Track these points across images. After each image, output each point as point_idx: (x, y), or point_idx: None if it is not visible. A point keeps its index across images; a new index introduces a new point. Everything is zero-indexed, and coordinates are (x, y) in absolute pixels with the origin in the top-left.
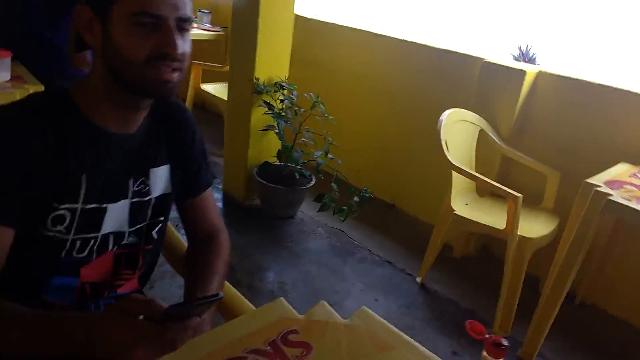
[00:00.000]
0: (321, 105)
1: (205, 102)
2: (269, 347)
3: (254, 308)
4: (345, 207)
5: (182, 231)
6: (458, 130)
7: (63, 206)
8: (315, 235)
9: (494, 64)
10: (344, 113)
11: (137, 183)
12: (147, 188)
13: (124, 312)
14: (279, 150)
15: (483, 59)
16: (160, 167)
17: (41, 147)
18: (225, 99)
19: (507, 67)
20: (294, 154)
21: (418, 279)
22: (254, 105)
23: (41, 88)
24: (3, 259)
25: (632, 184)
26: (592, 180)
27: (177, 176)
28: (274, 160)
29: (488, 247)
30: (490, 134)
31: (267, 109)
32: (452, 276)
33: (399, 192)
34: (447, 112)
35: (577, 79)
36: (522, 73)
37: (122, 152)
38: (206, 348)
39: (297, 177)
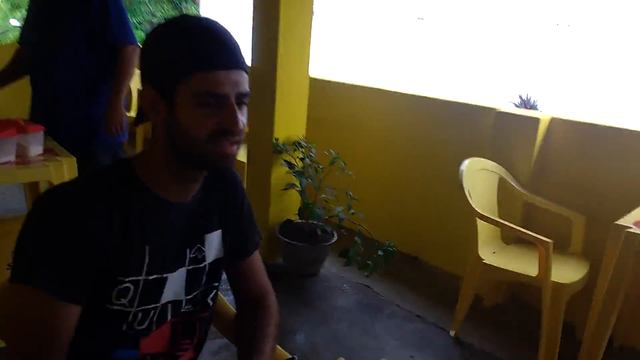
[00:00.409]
0: (341, 161)
1: None
2: None
3: None
4: (370, 262)
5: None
6: (478, 179)
7: (128, 279)
8: (342, 292)
9: (508, 113)
10: (361, 169)
11: (193, 250)
12: (202, 254)
13: None
14: (300, 207)
15: (496, 108)
16: (214, 233)
17: (107, 224)
18: (243, 160)
19: (521, 116)
20: (315, 211)
21: (451, 332)
22: (273, 165)
23: (73, 160)
24: (71, 335)
25: None
26: (621, 222)
27: (228, 240)
28: (295, 218)
29: (518, 294)
30: (510, 181)
31: (288, 168)
32: (486, 327)
33: (421, 244)
34: (467, 161)
35: (589, 123)
36: (536, 121)
37: (180, 221)
38: None
39: (320, 233)
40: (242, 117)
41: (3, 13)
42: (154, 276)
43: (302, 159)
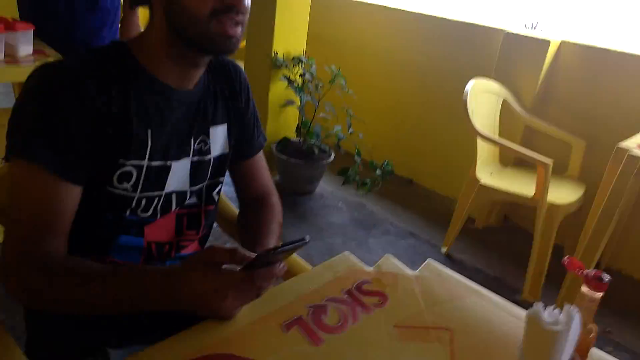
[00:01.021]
0: (342, 78)
1: None
2: (346, 296)
3: (311, 267)
4: (368, 180)
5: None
6: (481, 101)
7: (130, 162)
8: (337, 210)
9: (517, 34)
10: (361, 88)
11: (198, 141)
12: (207, 147)
13: (207, 263)
14: (298, 125)
15: (504, 30)
16: (219, 126)
17: (106, 100)
18: None
19: (531, 38)
20: (314, 129)
21: (443, 249)
22: (272, 81)
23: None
24: (71, 217)
25: None
26: (624, 144)
27: (234, 136)
28: (292, 136)
29: (509, 217)
30: (513, 104)
31: (287, 84)
32: (477, 246)
33: (417, 167)
34: (472, 82)
35: (600, 48)
36: (546, 43)
37: (184, 109)
38: (286, 297)
39: (317, 152)
40: None
41: None
42: (158, 162)
43: (301, 75)
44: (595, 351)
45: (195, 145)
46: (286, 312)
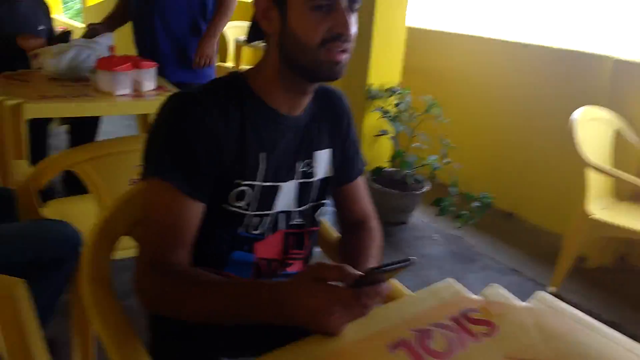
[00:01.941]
0: (437, 108)
1: None
2: (451, 322)
3: (412, 293)
4: (465, 212)
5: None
6: (591, 130)
7: (245, 182)
8: (432, 241)
9: (629, 62)
10: (459, 119)
11: (303, 165)
12: (311, 170)
13: (316, 279)
14: (392, 155)
15: (613, 57)
16: (323, 151)
17: (225, 126)
18: None
19: None
20: (407, 159)
21: (551, 289)
22: (366, 111)
23: None
24: (195, 232)
25: None
26: None
27: (337, 160)
28: (386, 165)
29: (626, 257)
30: (627, 134)
31: (381, 114)
32: (589, 287)
33: (518, 199)
34: (580, 109)
35: None
36: None
37: (292, 134)
38: (390, 319)
39: (411, 182)
40: (353, 23)
41: None
42: (269, 183)
43: (396, 105)
44: None
45: (301, 168)
46: (391, 334)
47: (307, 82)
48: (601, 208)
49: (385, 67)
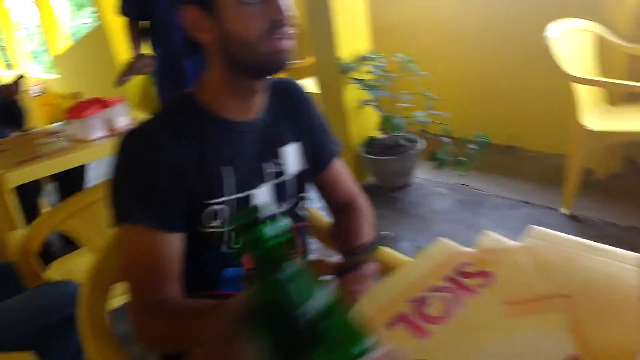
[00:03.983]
0: (412, 64)
1: None
2: (447, 283)
3: (411, 259)
4: (463, 158)
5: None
6: (570, 42)
7: (212, 201)
8: (439, 196)
9: None
10: (440, 68)
11: (271, 165)
12: (281, 168)
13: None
14: (379, 121)
15: None
16: (289, 146)
17: (181, 150)
18: (318, 91)
19: None
20: (396, 121)
21: (564, 211)
22: (343, 86)
23: None
24: (179, 262)
25: None
26: None
27: (308, 152)
28: (376, 133)
29: (635, 159)
30: (609, 37)
31: (358, 85)
32: (602, 199)
33: (516, 130)
34: (551, 25)
35: None
36: None
37: (251, 139)
38: (385, 295)
39: (404, 143)
40: (289, 6)
41: (71, 13)
42: (236, 196)
43: (371, 72)
44: None
45: (269, 169)
46: (388, 310)
47: (255, 79)
48: (597, 118)
49: (352, 35)
